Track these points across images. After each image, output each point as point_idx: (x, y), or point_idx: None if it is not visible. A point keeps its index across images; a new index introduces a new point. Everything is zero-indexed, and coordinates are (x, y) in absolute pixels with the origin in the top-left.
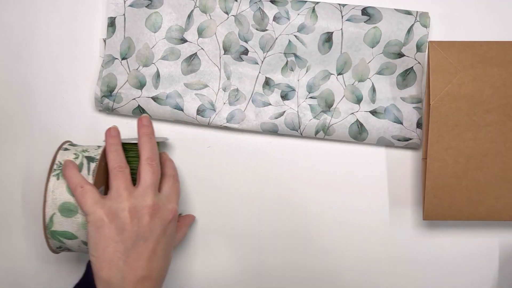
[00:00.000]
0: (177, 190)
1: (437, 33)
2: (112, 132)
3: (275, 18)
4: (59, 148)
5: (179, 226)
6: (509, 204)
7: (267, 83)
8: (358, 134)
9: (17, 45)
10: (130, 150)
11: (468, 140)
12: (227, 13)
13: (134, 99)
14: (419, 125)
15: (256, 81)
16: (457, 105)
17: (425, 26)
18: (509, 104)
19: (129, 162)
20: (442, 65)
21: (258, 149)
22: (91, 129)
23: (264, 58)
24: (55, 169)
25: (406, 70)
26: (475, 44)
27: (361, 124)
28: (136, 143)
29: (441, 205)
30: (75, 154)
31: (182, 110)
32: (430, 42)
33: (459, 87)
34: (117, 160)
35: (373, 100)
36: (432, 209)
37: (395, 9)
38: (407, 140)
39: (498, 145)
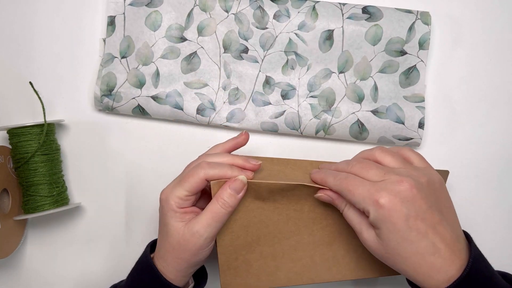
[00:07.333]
0: None
1: (439, 33)
2: None
3: (275, 16)
4: None
5: None
6: (307, 267)
7: (267, 82)
8: (359, 133)
9: (17, 44)
10: (22, 134)
11: (256, 209)
12: (227, 11)
13: (134, 98)
14: (421, 125)
15: (256, 80)
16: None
17: (427, 23)
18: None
19: (20, 146)
20: None
21: (258, 149)
22: (91, 129)
23: (264, 56)
24: None
25: (409, 68)
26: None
27: (362, 124)
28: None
29: (238, 275)
30: None
31: (182, 109)
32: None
33: None
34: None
35: (375, 99)
36: (229, 281)
37: (395, 8)
38: (408, 140)
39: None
